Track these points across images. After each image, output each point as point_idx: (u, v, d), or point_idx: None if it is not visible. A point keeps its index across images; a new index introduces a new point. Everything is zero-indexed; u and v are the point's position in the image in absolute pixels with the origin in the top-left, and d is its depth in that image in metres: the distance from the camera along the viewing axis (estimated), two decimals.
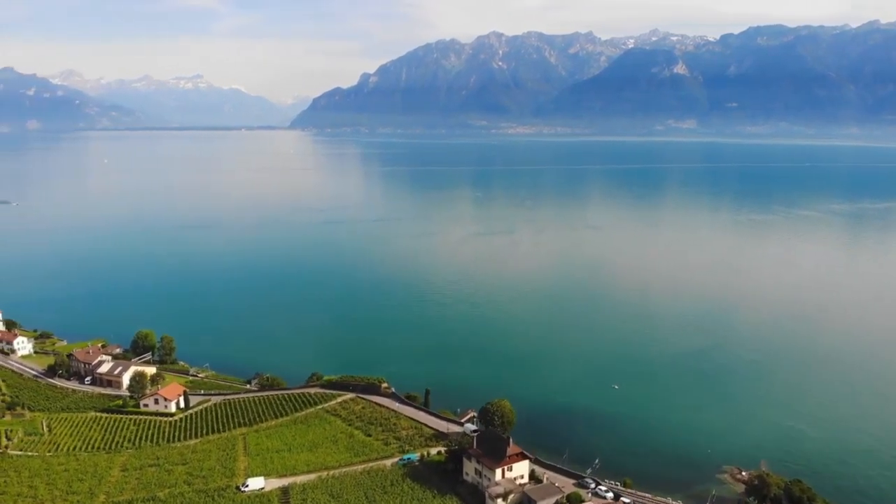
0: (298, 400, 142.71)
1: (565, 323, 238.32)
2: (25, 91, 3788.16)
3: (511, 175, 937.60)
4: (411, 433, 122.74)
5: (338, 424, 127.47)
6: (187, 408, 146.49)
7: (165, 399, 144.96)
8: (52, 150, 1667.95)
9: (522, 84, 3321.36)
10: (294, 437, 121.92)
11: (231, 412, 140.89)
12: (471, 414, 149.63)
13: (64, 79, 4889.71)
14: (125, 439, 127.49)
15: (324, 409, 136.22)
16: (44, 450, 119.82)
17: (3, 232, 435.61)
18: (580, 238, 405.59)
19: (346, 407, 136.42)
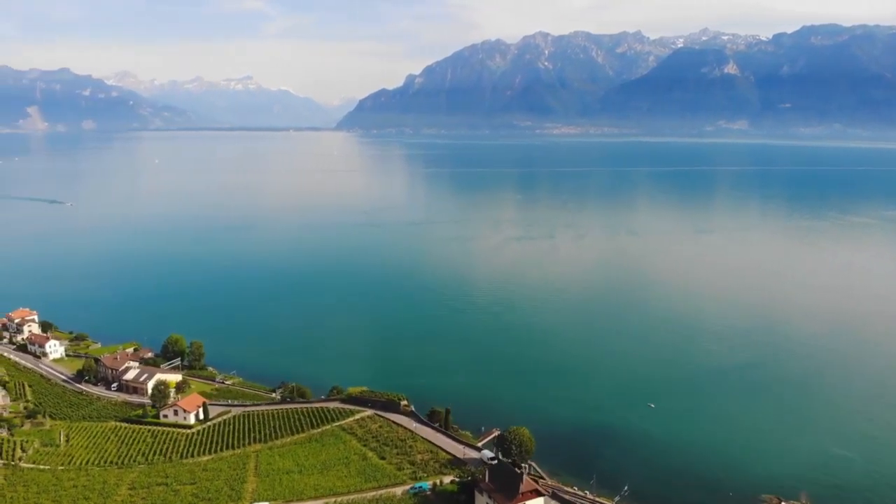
0: (316, 415, 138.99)
1: (601, 335, 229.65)
2: (81, 91, 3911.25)
3: (554, 177, 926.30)
4: (426, 457, 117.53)
5: (352, 444, 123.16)
6: (206, 419, 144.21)
7: (185, 410, 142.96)
8: (105, 149, 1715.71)
9: (568, 84, 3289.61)
10: (307, 457, 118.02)
11: (248, 426, 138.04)
12: (495, 433, 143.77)
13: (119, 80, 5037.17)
14: (139, 453, 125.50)
15: (340, 426, 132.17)
16: (57, 463, 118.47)
17: (55, 232, 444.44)
18: (620, 244, 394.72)
19: (362, 425, 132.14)
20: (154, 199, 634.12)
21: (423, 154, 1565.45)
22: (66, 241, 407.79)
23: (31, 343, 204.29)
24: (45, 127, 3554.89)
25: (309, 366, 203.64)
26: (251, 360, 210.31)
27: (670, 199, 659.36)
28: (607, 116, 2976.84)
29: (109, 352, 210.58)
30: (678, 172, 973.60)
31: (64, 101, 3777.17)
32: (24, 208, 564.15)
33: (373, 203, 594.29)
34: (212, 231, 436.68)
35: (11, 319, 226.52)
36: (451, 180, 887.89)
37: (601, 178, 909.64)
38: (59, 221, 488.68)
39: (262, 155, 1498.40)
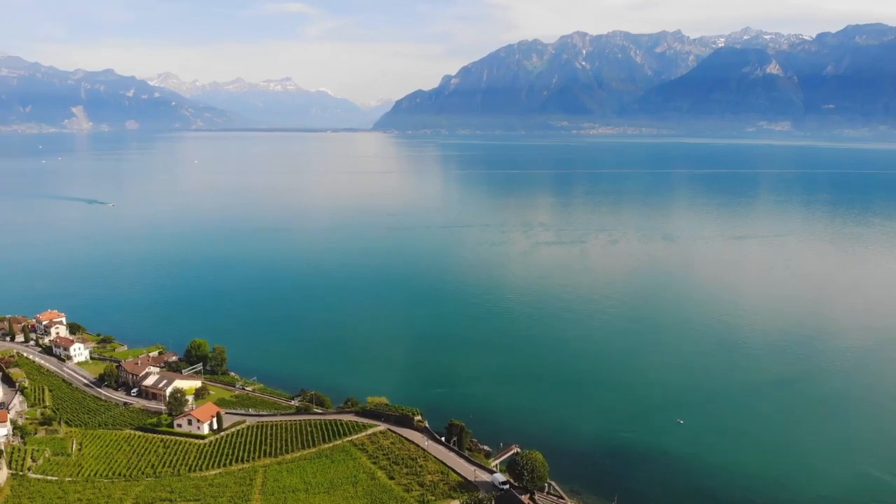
0: (329, 429, 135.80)
1: (630, 346, 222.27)
2: (125, 92, 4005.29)
3: (589, 179, 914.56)
4: (436, 478, 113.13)
5: (362, 462, 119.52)
6: (220, 430, 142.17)
7: (198, 420, 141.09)
8: (148, 150, 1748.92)
9: (606, 84, 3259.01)
10: (314, 475, 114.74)
11: (261, 438, 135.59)
12: (513, 450, 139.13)
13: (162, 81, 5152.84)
14: (149, 464, 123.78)
15: (352, 441, 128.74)
16: (65, 473, 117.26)
17: (95, 233, 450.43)
18: (653, 250, 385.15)
19: (374, 441, 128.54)
20: (191, 200, 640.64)
21: (457, 155, 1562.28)
22: (105, 243, 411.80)
23: (57, 346, 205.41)
24: (90, 127, 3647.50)
25: (331, 372, 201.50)
26: (273, 365, 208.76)
27: (708, 202, 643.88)
28: (646, 117, 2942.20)
29: (134, 355, 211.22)
30: (717, 175, 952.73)
31: (108, 102, 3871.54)
32: (68, 208, 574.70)
33: (404, 205, 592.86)
34: (243, 233, 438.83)
35: (40, 321, 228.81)
36: (484, 182, 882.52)
37: (637, 180, 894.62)
38: (100, 222, 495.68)
39: (298, 156, 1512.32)
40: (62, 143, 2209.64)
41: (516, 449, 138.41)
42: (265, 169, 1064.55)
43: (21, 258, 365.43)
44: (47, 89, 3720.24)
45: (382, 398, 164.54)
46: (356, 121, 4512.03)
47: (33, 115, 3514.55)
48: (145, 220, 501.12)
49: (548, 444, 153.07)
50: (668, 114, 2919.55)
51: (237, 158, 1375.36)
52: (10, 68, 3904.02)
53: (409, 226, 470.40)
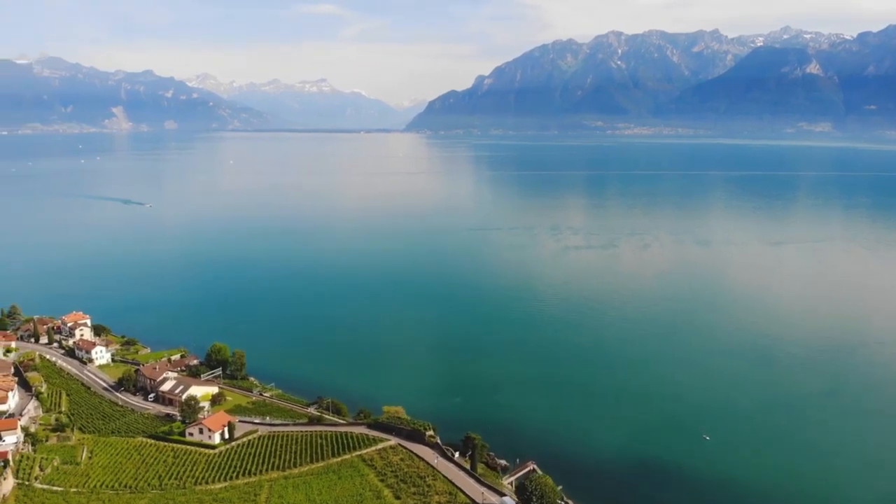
0: (339, 441, 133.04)
1: (656, 355, 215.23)
2: (164, 93, 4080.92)
3: (623, 180, 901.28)
4: (443, 499, 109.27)
5: (370, 478, 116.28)
6: (231, 439, 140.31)
7: (209, 429, 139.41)
8: (186, 150, 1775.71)
9: (642, 84, 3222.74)
10: (320, 492, 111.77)
11: (271, 450, 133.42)
12: (529, 466, 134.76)
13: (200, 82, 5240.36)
14: (156, 475, 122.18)
15: (361, 456, 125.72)
16: (72, 484, 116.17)
17: (131, 233, 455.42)
18: (686, 255, 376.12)
19: (384, 456, 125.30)
20: (224, 200, 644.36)
21: (488, 156, 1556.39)
22: (139, 244, 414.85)
23: (79, 348, 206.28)
24: (130, 127, 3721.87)
25: (350, 378, 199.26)
26: (293, 370, 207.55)
27: (743, 205, 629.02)
28: (682, 117, 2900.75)
29: (156, 358, 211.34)
30: (754, 177, 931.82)
31: (147, 102, 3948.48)
32: (106, 208, 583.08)
33: (431, 207, 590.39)
34: (271, 234, 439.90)
35: (65, 323, 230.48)
36: (515, 183, 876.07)
37: (672, 181, 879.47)
38: (137, 223, 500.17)
39: (330, 156, 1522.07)
40: (102, 142, 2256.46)
41: (532, 466, 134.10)
42: (297, 169, 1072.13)
43: (54, 258, 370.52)
44: (88, 90, 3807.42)
45: (399, 407, 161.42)
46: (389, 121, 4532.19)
47: (74, 115, 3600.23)
48: (179, 222, 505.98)
49: (567, 460, 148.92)
50: (705, 114, 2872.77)
51: (271, 159, 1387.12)
52: (51, 69, 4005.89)
53: (436, 228, 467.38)
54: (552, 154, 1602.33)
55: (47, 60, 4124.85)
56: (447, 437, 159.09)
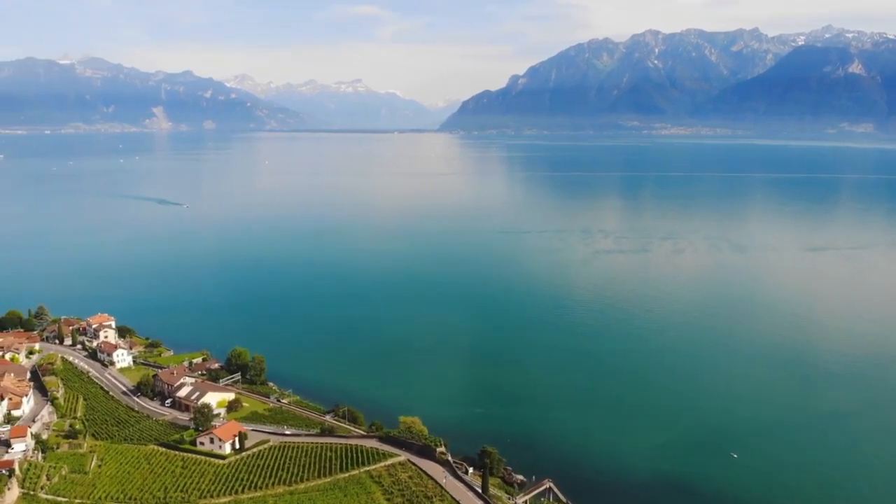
0: (349, 456, 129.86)
1: (685, 367, 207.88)
2: (203, 93, 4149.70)
3: (658, 182, 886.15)
4: None
5: (376, 496, 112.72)
6: (242, 449, 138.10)
7: (220, 439, 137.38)
8: (224, 150, 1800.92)
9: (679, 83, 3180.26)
10: None
11: (280, 462, 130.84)
12: (546, 485, 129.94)
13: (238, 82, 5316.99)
14: (162, 487, 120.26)
15: (369, 472, 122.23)
16: (76, 494, 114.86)
17: (166, 234, 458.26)
18: (720, 261, 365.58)
19: (392, 473, 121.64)
20: (258, 201, 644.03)
21: (521, 156, 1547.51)
22: (173, 244, 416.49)
23: (101, 351, 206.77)
24: (169, 126, 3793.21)
25: (369, 385, 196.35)
26: (313, 375, 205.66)
27: (782, 209, 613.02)
28: (720, 117, 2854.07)
29: (177, 361, 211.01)
30: (794, 179, 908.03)
31: (187, 102, 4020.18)
32: (144, 208, 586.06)
33: (460, 209, 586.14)
34: (300, 236, 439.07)
35: (90, 324, 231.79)
36: (547, 185, 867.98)
37: (709, 183, 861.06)
38: (173, 223, 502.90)
39: (363, 157, 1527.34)
40: (141, 142, 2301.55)
41: (549, 484, 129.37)
42: (330, 170, 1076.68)
43: (87, 258, 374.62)
44: (129, 90, 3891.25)
45: (415, 418, 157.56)
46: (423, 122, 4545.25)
47: (116, 115, 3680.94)
48: (214, 222, 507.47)
49: (587, 478, 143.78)
50: (744, 114, 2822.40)
51: (305, 159, 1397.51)
52: (94, 69, 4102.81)
53: (464, 230, 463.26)
54: (586, 154, 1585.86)
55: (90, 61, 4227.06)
56: (464, 448, 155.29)
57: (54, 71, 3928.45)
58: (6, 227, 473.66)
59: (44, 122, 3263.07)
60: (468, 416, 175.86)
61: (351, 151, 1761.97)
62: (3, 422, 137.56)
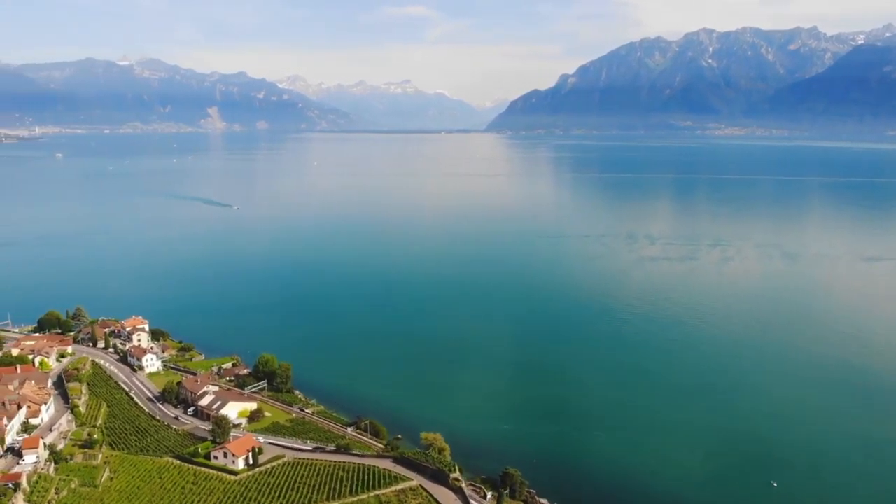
0: (360, 477, 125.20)
1: (725, 384, 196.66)
2: (256, 94, 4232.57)
3: (710, 185, 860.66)
4: None
5: None
6: (255, 465, 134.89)
7: (233, 454, 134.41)
8: (276, 150, 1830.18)
9: (734, 83, 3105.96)
10: None
11: (291, 481, 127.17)
12: None
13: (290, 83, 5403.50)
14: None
15: (378, 497, 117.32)
16: None
17: (213, 235, 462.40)
18: (771, 270, 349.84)
19: (402, 499, 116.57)
20: (304, 204, 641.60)
21: (569, 157, 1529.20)
22: (219, 246, 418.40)
23: (131, 355, 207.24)
24: (223, 126, 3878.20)
25: (395, 396, 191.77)
26: (339, 384, 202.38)
27: (840, 215, 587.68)
28: (776, 118, 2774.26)
29: (205, 367, 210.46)
30: (853, 184, 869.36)
31: (240, 103, 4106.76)
32: (195, 210, 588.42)
33: (503, 212, 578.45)
34: (341, 241, 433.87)
35: (124, 327, 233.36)
36: (592, 186, 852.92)
37: (763, 186, 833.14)
38: (223, 225, 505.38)
39: (408, 157, 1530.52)
40: (196, 142, 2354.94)
41: None
42: (375, 171, 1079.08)
43: (129, 259, 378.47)
44: (185, 91, 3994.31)
45: (437, 434, 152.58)
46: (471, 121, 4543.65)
47: (172, 115, 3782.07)
48: (261, 225, 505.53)
49: None
50: (801, 115, 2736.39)
51: (353, 160, 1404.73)
52: (151, 70, 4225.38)
53: (504, 233, 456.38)
54: (636, 155, 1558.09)
55: (148, 62, 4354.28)
56: (486, 467, 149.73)
57: (113, 72, 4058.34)
58: (56, 227, 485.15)
59: (103, 122, 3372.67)
60: (495, 432, 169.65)
61: (397, 152, 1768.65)
62: (20, 430, 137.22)
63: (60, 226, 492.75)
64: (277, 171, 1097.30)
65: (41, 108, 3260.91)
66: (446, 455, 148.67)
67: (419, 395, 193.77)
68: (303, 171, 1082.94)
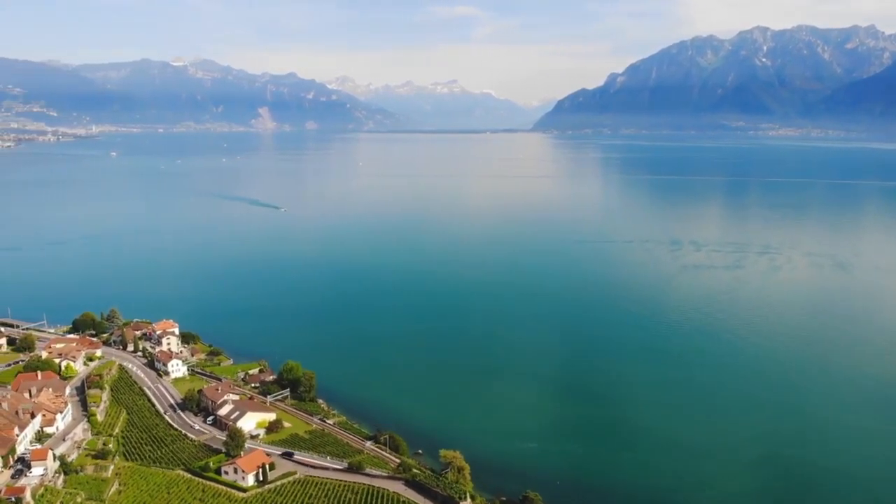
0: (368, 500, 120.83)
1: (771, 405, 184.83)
2: (305, 95, 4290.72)
3: (762, 188, 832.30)
4: None
5: None
6: (265, 482, 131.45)
7: (243, 471, 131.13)
8: (323, 150, 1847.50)
9: (788, 82, 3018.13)
10: None
11: (298, 501, 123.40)
12: None
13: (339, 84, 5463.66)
14: None
15: None
16: None
17: (258, 237, 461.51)
18: (821, 282, 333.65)
19: None
20: (347, 205, 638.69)
21: (617, 157, 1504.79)
22: (261, 248, 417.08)
23: (158, 360, 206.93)
24: (273, 126, 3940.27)
25: (419, 409, 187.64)
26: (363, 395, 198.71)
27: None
28: (833, 118, 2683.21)
29: (232, 372, 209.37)
30: None
31: (290, 103, 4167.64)
32: (243, 211, 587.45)
33: (544, 215, 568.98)
34: (376, 244, 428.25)
35: (154, 331, 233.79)
36: (638, 189, 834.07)
37: (817, 190, 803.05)
38: (269, 227, 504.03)
39: (452, 158, 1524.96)
40: (246, 141, 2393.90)
41: None
42: (417, 172, 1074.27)
43: (170, 261, 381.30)
44: (237, 91, 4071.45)
45: (456, 452, 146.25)
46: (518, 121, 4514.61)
47: (224, 115, 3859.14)
48: (303, 228, 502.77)
49: None
50: (859, 116, 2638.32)
51: (397, 161, 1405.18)
52: (205, 71, 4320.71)
53: (543, 238, 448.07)
54: (686, 156, 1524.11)
55: (201, 63, 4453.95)
56: (507, 489, 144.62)
57: (168, 72, 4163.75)
58: (102, 226, 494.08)
59: (157, 121, 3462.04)
60: (519, 450, 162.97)
61: (439, 152, 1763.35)
62: (33, 439, 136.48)
63: (106, 225, 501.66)
64: (323, 172, 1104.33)
65: (98, 108, 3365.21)
66: (465, 474, 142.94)
67: (444, 407, 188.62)
68: (348, 173, 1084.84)
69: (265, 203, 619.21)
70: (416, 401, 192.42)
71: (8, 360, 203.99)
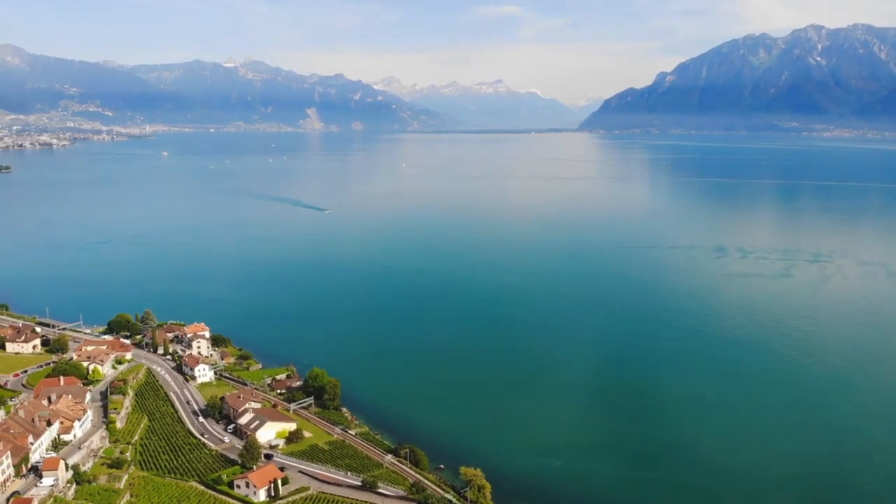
0: None
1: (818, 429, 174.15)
2: (352, 96, 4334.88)
3: (816, 193, 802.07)
4: None
5: None
6: (277, 497, 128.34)
7: (255, 486, 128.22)
8: (368, 151, 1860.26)
9: (844, 82, 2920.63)
10: None
11: None
12: None
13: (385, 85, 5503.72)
14: None
15: None
16: None
17: (301, 239, 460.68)
18: (873, 292, 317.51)
19: None
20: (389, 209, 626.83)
21: (665, 158, 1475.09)
22: (304, 251, 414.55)
23: (185, 364, 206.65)
24: (321, 127, 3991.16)
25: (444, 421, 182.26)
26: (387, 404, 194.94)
27: None
28: (890, 119, 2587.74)
29: (259, 377, 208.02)
30: None
31: (337, 104, 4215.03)
32: (288, 213, 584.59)
33: (586, 219, 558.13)
34: (413, 249, 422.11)
35: (185, 333, 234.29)
36: (686, 192, 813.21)
37: (873, 195, 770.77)
38: (313, 230, 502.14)
39: (495, 158, 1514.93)
40: (294, 141, 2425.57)
41: None
42: (459, 173, 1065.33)
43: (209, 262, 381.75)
44: (286, 92, 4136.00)
45: (477, 470, 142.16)
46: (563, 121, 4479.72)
47: (273, 116, 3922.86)
48: (345, 231, 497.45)
49: None
50: None
51: (440, 162, 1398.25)
52: (255, 72, 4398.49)
53: (583, 243, 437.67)
54: (737, 157, 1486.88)
55: (251, 64, 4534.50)
56: None
57: (219, 73, 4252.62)
58: (145, 226, 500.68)
59: (209, 121, 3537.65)
60: (544, 469, 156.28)
61: (483, 153, 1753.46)
62: (49, 447, 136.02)
63: (150, 225, 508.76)
64: (368, 173, 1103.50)
65: (152, 108, 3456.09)
66: (486, 493, 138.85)
67: (469, 420, 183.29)
68: (392, 174, 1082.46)
69: (310, 205, 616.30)
70: (441, 412, 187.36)
71: (40, 360, 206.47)
